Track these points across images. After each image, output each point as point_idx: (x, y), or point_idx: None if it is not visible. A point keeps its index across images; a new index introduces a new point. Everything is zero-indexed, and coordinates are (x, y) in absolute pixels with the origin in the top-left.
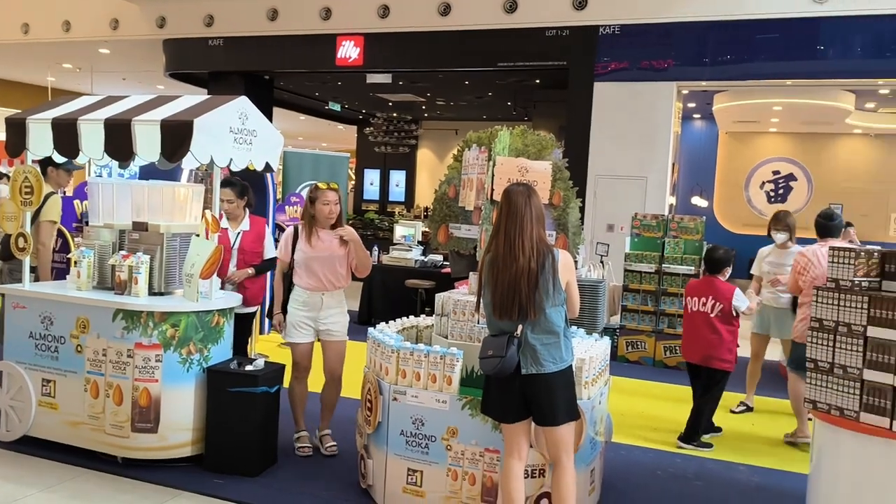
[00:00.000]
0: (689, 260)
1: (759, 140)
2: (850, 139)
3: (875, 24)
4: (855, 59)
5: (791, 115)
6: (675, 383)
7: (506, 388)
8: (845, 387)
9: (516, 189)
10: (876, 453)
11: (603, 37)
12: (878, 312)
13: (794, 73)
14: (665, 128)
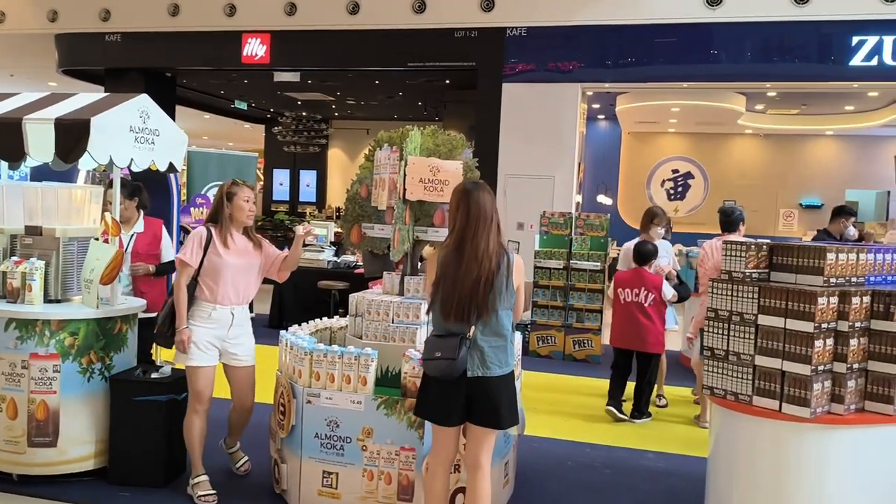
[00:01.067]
0: (596, 256)
1: (659, 140)
2: (741, 139)
3: (763, 30)
4: (745, 63)
5: (688, 115)
6: (584, 376)
7: (450, 390)
8: (739, 372)
9: (479, 188)
10: (768, 434)
11: (510, 38)
12: (768, 301)
13: (690, 76)
14: (571, 128)
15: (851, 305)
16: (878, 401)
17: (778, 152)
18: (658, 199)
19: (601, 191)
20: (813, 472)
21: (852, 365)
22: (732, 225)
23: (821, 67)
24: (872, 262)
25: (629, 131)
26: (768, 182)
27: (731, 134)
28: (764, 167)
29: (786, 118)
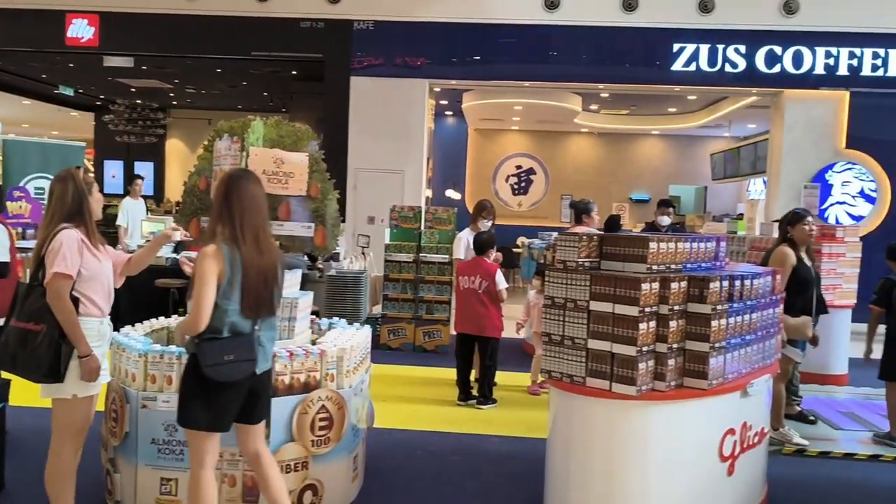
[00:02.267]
0: (444, 248)
1: (503, 137)
2: (578, 137)
3: (597, 35)
4: (581, 65)
5: (529, 114)
6: (434, 366)
7: (239, 392)
8: (574, 356)
9: (250, 177)
10: (600, 413)
11: (357, 32)
12: (598, 288)
13: (531, 76)
14: (419, 123)
15: (671, 290)
16: (694, 377)
17: (610, 150)
18: (503, 193)
19: (450, 185)
20: (639, 445)
21: (672, 345)
22: (583, 219)
23: (647, 71)
24: (689, 250)
25: (475, 128)
26: (602, 178)
27: (568, 132)
28: (598, 164)
29: (617, 118)
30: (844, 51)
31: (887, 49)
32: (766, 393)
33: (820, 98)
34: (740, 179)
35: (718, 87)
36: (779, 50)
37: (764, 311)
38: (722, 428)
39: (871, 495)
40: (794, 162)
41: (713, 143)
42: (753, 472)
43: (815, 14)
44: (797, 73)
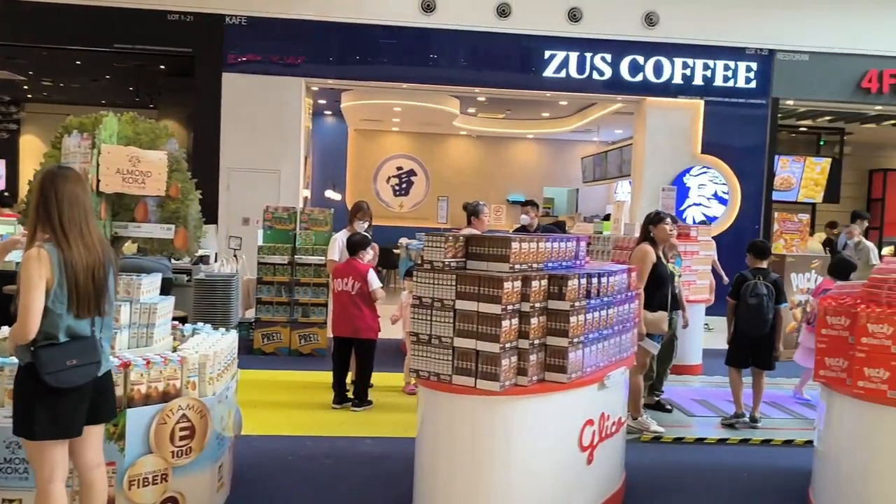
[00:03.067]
0: (321, 250)
1: (383, 138)
2: (457, 139)
3: (474, 39)
4: (458, 68)
5: (409, 115)
6: (310, 370)
7: (84, 396)
8: (441, 354)
9: (66, 174)
10: (465, 409)
11: (230, 27)
12: (464, 287)
13: (410, 78)
14: (296, 122)
15: (532, 288)
16: (555, 371)
17: (488, 152)
18: (384, 194)
19: (329, 186)
20: (503, 439)
21: (534, 341)
22: (469, 215)
23: (521, 77)
24: (550, 249)
25: (356, 128)
26: (481, 180)
27: (448, 134)
28: (477, 166)
29: (494, 121)
30: (700, 62)
31: (736, 62)
32: (623, 384)
33: (678, 106)
34: (608, 182)
35: (587, 93)
36: (641, 60)
37: (620, 307)
38: (581, 419)
39: (719, 475)
40: (655, 165)
41: (584, 147)
42: (612, 459)
43: (673, 27)
44: (658, 81)
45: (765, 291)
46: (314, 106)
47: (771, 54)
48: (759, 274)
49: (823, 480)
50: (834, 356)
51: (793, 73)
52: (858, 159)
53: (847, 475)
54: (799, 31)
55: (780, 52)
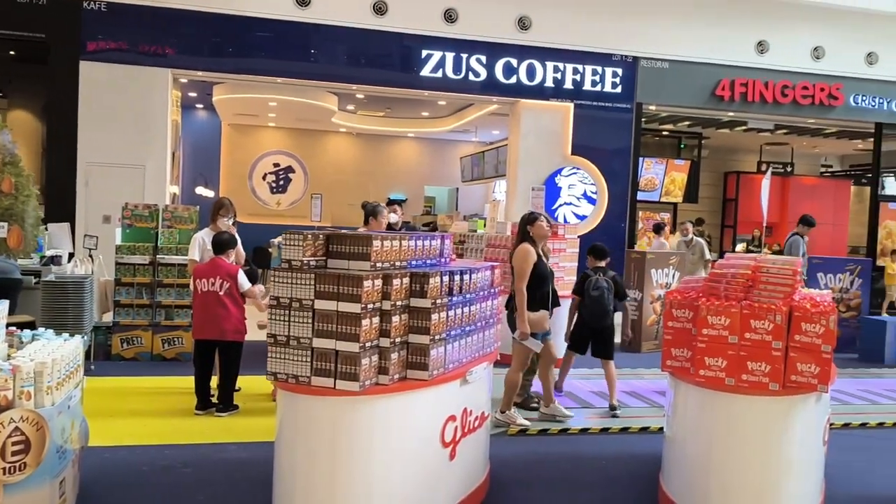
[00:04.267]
0: (185, 249)
1: (259, 133)
2: (337, 136)
3: (352, 36)
4: (336, 64)
5: (286, 111)
6: (173, 375)
7: None
8: (299, 356)
9: None
10: (325, 411)
11: (88, 12)
12: (323, 287)
13: (285, 72)
14: (162, 115)
15: (393, 286)
16: (417, 368)
17: (368, 150)
18: (261, 192)
19: (201, 182)
20: (364, 440)
21: (395, 339)
22: (366, 216)
23: (399, 75)
24: (413, 247)
25: (229, 123)
26: (361, 177)
27: (327, 131)
28: (357, 164)
29: (374, 119)
30: (570, 67)
31: (604, 67)
32: (486, 379)
33: (550, 108)
34: (486, 181)
35: (463, 93)
36: (515, 62)
37: (483, 304)
38: (444, 416)
39: (580, 465)
40: (529, 166)
41: (463, 147)
42: (475, 454)
43: (545, 32)
44: (531, 84)
45: (605, 285)
46: (184, 99)
47: (635, 61)
48: (599, 271)
49: (672, 464)
50: (679, 347)
51: (655, 79)
52: (715, 162)
53: (692, 458)
54: (660, 41)
55: (643, 60)
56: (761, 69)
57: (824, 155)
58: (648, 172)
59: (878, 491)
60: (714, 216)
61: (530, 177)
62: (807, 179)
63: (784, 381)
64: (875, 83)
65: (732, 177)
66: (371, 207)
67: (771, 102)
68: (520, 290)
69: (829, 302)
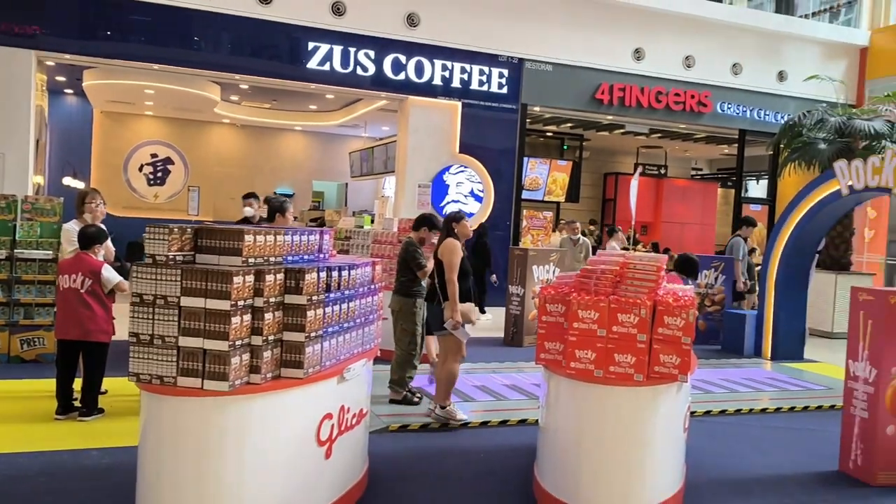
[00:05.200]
0: (47, 244)
1: (135, 122)
2: (220, 127)
3: (236, 24)
4: (219, 53)
5: (164, 99)
6: (34, 378)
7: None
8: (164, 355)
9: None
10: (192, 412)
11: None
12: (190, 283)
13: (164, 59)
14: (24, 100)
15: (266, 282)
16: (291, 367)
17: (254, 143)
18: (137, 183)
19: (69, 172)
20: (235, 441)
21: (268, 337)
22: (271, 212)
23: (285, 67)
24: (290, 243)
25: (102, 110)
26: (247, 170)
27: (209, 122)
28: (242, 156)
29: (259, 111)
30: (458, 65)
31: (490, 68)
32: (366, 375)
33: (438, 106)
34: (376, 177)
35: (351, 88)
36: (403, 59)
37: (363, 300)
38: (320, 414)
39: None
40: (417, 163)
41: (352, 142)
42: (352, 452)
43: (433, 30)
44: (419, 81)
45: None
46: (50, 83)
47: (520, 63)
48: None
49: (545, 455)
50: (552, 340)
51: (539, 81)
52: (595, 163)
53: (563, 448)
54: (544, 44)
55: (528, 62)
56: (638, 75)
57: (694, 158)
58: (533, 172)
59: (735, 474)
60: (595, 215)
61: (419, 174)
62: (678, 181)
63: (648, 371)
64: (740, 92)
65: (612, 178)
66: (279, 203)
67: (646, 107)
68: (452, 281)
69: (689, 297)
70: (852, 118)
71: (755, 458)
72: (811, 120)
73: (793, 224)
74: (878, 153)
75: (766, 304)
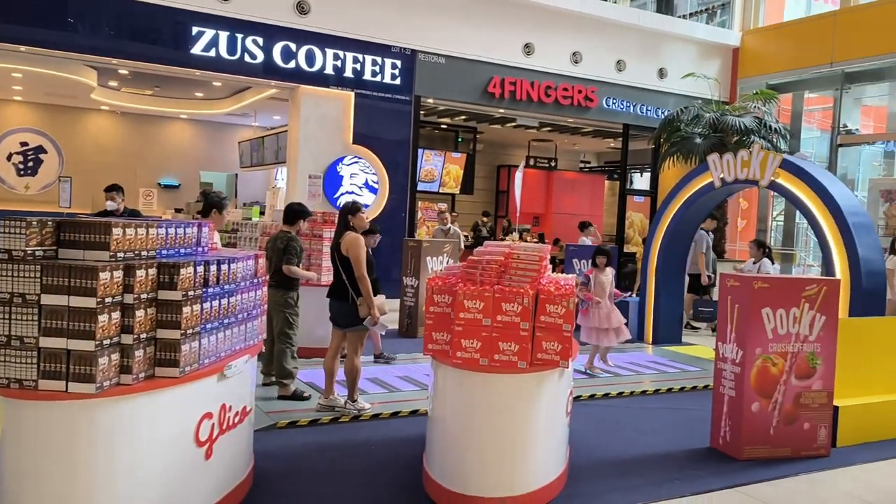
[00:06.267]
0: None
1: (3, 108)
2: (98, 115)
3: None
4: (97, 36)
5: (35, 84)
6: None
7: None
8: (23, 358)
9: None
10: (57, 417)
11: None
12: (51, 280)
13: (32, 40)
14: None
15: (136, 278)
16: (167, 366)
17: (135, 131)
18: (5, 174)
19: None
20: (105, 445)
21: (140, 335)
22: (207, 209)
23: (168, 52)
24: (164, 236)
25: None
26: (127, 160)
27: (86, 109)
28: (122, 145)
29: (141, 98)
30: (350, 55)
31: (383, 58)
32: (249, 372)
33: (331, 96)
34: (267, 168)
35: (239, 75)
36: (294, 46)
37: (245, 294)
38: (198, 414)
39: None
40: (309, 153)
41: (242, 132)
42: (235, 451)
43: (324, 18)
44: (311, 70)
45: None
46: None
47: (413, 54)
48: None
49: (434, 444)
50: (439, 331)
51: (432, 73)
52: (489, 156)
53: (451, 436)
54: (436, 36)
55: (421, 53)
56: (528, 70)
57: (583, 152)
58: (428, 164)
59: (616, 454)
60: (489, 207)
61: (311, 164)
62: (568, 174)
63: (532, 359)
64: (624, 88)
65: (504, 170)
66: (217, 200)
67: (536, 101)
68: (363, 276)
69: (570, 286)
70: (725, 114)
71: (635, 439)
72: (688, 116)
73: (671, 214)
74: (747, 147)
75: (647, 290)
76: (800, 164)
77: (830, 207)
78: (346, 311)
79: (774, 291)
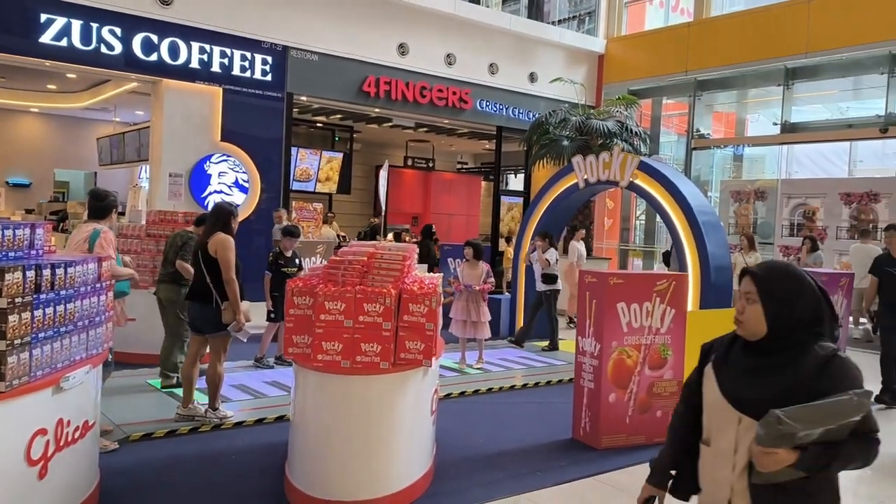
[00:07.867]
0: None
1: None
2: None
3: None
4: None
5: None
6: None
7: None
8: None
9: None
10: None
11: None
12: None
13: None
14: None
15: None
16: None
17: None
18: None
19: None
20: None
21: None
22: (104, 211)
23: (13, 40)
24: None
25: None
26: None
27: None
28: None
29: None
30: (217, 49)
31: (253, 53)
32: (92, 383)
33: (197, 91)
34: (129, 165)
35: (95, 67)
36: (156, 38)
37: (86, 300)
38: (29, 430)
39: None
40: (174, 151)
41: (101, 128)
42: (75, 468)
43: (188, 10)
44: (175, 63)
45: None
46: None
47: (285, 50)
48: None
49: (295, 451)
50: (300, 334)
51: (305, 70)
52: (366, 155)
53: (312, 442)
54: (309, 33)
55: (293, 50)
56: (403, 70)
57: (460, 153)
58: (304, 163)
59: (482, 449)
60: (367, 207)
61: (177, 162)
62: (446, 175)
63: (394, 359)
64: (497, 91)
65: None
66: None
67: (412, 102)
68: (231, 280)
69: (434, 285)
70: (590, 118)
71: (502, 433)
72: (556, 119)
73: (540, 213)
74: (609, 150)
75: (517, 288)
76: (655, 166)
77: (682, 207)
78: (209, 316)
79: (628, 287)
